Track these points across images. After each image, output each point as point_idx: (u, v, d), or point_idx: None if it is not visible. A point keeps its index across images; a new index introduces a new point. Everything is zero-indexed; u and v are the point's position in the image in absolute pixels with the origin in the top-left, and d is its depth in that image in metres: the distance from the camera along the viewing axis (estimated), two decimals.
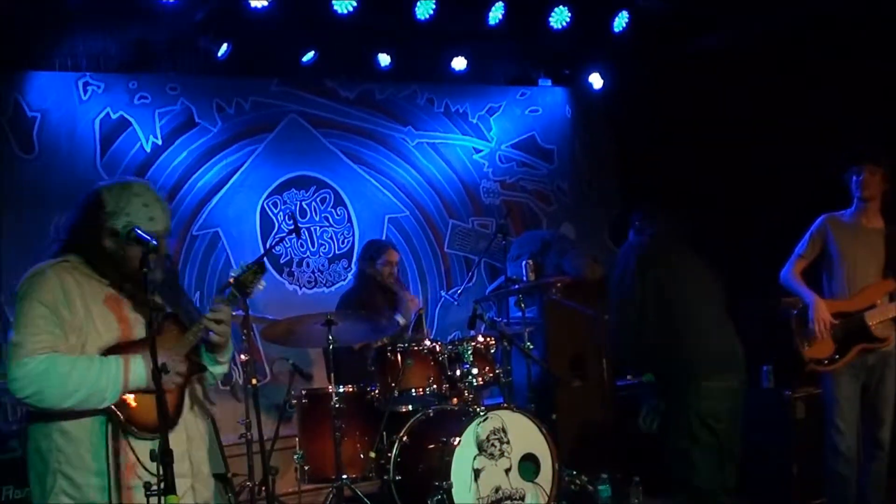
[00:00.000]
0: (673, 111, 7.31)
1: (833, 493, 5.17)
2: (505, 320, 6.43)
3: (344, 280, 7.21)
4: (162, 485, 2.61)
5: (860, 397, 5.11)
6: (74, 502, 2.85)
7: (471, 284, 7.38)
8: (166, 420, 2.70)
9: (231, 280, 3.16)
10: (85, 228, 2.99)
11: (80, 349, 2.87)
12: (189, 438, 3.06)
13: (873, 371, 5.08)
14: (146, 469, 2.83)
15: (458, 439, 4.89)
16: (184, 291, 3.33)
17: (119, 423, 2.86)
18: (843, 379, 5.07)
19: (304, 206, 7.20)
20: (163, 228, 3.03)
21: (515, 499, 4.98)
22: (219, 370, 3.25)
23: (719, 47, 7.04)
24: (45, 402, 2.80)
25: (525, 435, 5.10)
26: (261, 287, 3.22)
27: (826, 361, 5.08)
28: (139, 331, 2.97)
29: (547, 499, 5.06)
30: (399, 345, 5.54)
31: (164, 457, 2.59)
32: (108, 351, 2.90)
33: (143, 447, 2.85)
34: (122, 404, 2.86)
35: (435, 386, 5.44)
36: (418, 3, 6.67)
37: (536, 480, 5.06)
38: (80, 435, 2.86)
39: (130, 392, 2.87)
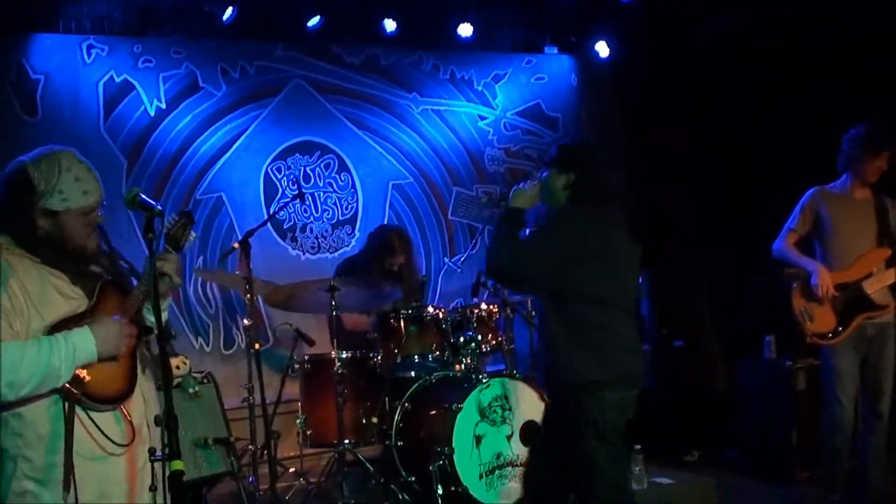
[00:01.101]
0: (678, 81, 7.26)
1: (827, 465, 5.21)
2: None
3: (347, 246, 7.21)
4: (167, 450, 2.57)
5: (860, 370, 5.13)
6: (38, 484, 2.77)
7: (474, 252, 7.39)
8: (170, 382, 2.67)
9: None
10: (15, 211, 2.83)
11: (25, 333, 2.76)
12: (146, 402, 3.00)
13: (872, 343, 5.09)
14: (111, 440, 2.81)
15: (460, 406, 4.92)
16: (117, 254, 3.15)
17: (75, 398, 2.77)
18: (844, 351, 5.08)
19: (308, 171, 7.18)
20: (96, 200, 2.91)
21: (516, 465, 5.01)
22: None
23: (726, 23, 6.98)
24: (2, 396, 2.68)
25: (527, 402, 5.11)
26: (192, 239, 3.06)
27: (830, 335, 5.08)
28: (81, 304, 2.88)
29: None
30: (402, 311, 5.56)
31: (169, 422, 2.57)
32: (53, 328, 2.79)
33: (102, 419, 2.83)
34: (76, 379, 2.77)
35: (437, 353, 5.47)
36: None
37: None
38: (36, 416, 2.77)
39: (83, 366, 2.78)
